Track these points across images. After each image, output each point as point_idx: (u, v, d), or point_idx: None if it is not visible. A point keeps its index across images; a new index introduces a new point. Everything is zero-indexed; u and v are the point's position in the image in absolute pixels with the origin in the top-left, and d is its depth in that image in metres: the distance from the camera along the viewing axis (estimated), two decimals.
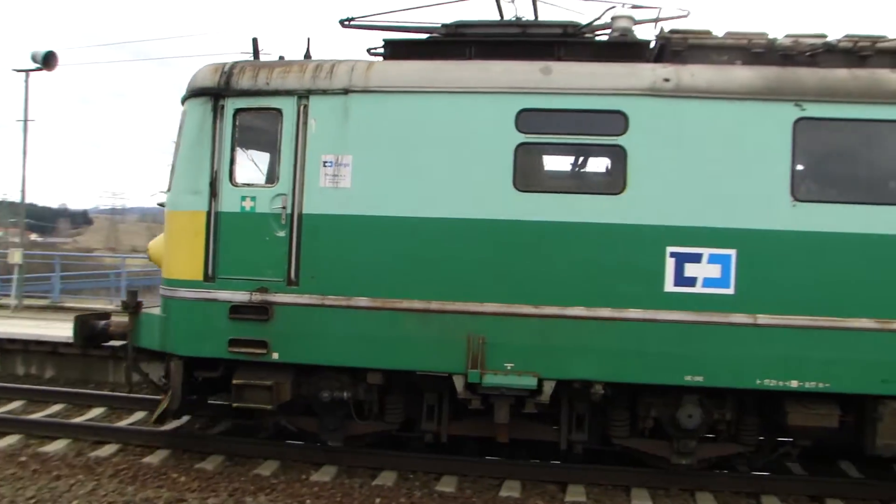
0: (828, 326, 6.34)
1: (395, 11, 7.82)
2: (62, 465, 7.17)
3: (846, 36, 6.90)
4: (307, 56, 7.56)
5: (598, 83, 6.61)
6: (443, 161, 6.71)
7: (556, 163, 7.20)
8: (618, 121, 6.54)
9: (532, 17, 8.14)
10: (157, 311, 7.44)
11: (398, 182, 6.77)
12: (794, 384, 6.38)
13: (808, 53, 6.70)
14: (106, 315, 8.01)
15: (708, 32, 7.02)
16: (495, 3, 8.06)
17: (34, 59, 16.88)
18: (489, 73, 6.78)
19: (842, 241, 6.33)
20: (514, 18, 7.90)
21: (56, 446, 7.87)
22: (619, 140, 6.54)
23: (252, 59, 7.58)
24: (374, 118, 6.83)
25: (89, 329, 7.68)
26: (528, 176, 6.71)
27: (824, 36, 6.91)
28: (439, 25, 7.52)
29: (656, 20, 7.26)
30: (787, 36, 6.94)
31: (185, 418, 8.46)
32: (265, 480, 6.94)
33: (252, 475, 7.08)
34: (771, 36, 6.95)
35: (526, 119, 6.64)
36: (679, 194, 6.47)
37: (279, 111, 6.96)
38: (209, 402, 8.37)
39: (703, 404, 6.78)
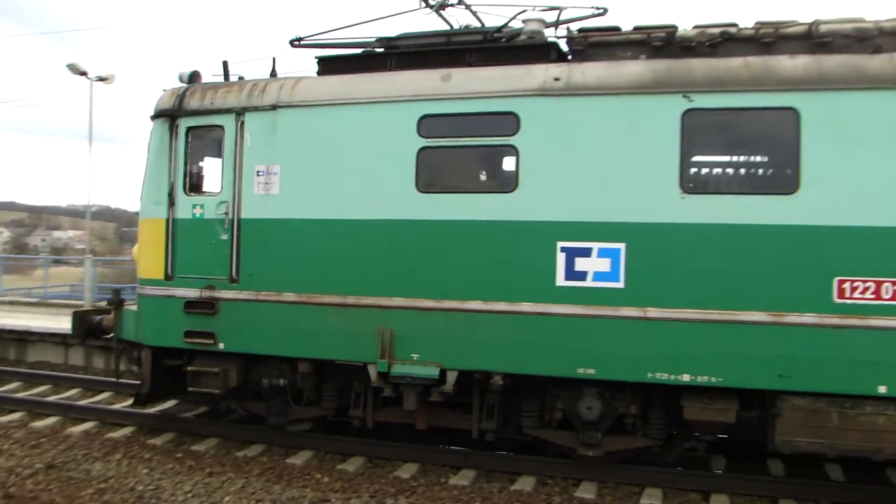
0: (719, 320, 6.25)
1: (340, 28, 8.48)
2: (214, 463, 7.64)
3: (756, 23, 6.73)
4: (272, 75, 8.37)
5: (492, 86, 6.90)
6: (355, 167, 7.26)
7: (455, 164, 7.51)
8: (510, 122, 6.80)
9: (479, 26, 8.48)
10: (135, 307, 8.53)
11: (318, 188, 7.40)
12: (686, 378, 6.34)
13: (707, 44, 6.61)
14: (106, 311, 9.24)
15: (616, 29, 7.08)
16: (438, 15, 8.49)
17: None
18: (395, 83, 7.26)
19: (732, 233, 6.22)
20: (462, 27, 8.28)
21: (207, 444, 8.26)
22: (512, 140, 6.80)
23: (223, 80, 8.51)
24: (297, 130, 7.51)
25: (87, 323, 8.93)
26: (428, 178, 7.10)
27: (735, 25, 6.77)
28: (374, 40, 8.08)
29: (557, 23, 7.41)
30: (694, 27, 6.87)
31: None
32: (405, 483, 7.10)
33: (392, 477, 7.26)
34: (682, 28, 6.92)
35: (427, 124, 7.05)
36: (569, 190, 6.62)
37: (222, 127, 7.81)
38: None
39: (603, 397, 6.86)
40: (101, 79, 21.55)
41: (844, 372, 5.99)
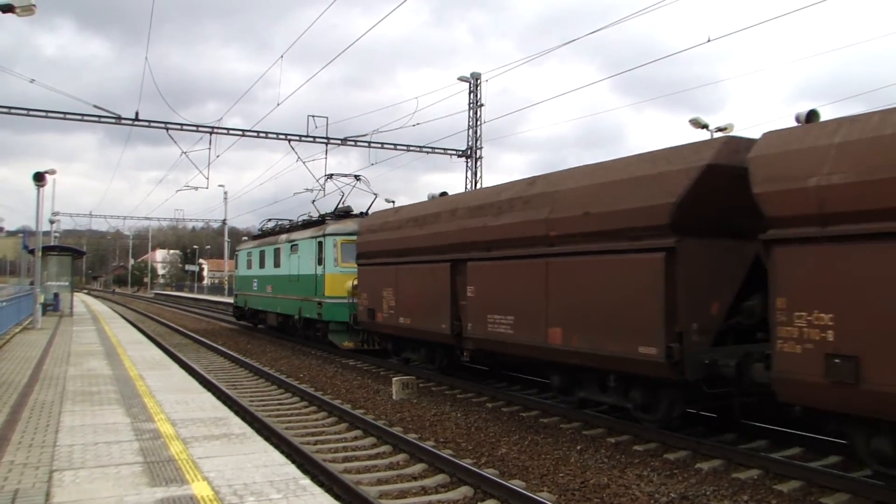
0: (279, 297, 28.16)
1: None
2: None
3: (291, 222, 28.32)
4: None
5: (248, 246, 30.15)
6: (245, 263, 31.24)
7: (260, 258, 30.29)
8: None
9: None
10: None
11: (243, 267, 31.55)
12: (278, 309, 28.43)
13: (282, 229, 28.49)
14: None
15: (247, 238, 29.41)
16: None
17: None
18: (248, 244, 31.05)
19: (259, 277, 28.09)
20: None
21: (837, 499, 7.64)
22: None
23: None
24: (241, 256, 31.92)
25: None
26: (247, 266, 30.59)
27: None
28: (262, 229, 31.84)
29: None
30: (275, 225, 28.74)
31: None
32: None
33: None
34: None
35: (243, 257, 30.58)
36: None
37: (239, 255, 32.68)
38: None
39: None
40: (721, 129, 23.15)
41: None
